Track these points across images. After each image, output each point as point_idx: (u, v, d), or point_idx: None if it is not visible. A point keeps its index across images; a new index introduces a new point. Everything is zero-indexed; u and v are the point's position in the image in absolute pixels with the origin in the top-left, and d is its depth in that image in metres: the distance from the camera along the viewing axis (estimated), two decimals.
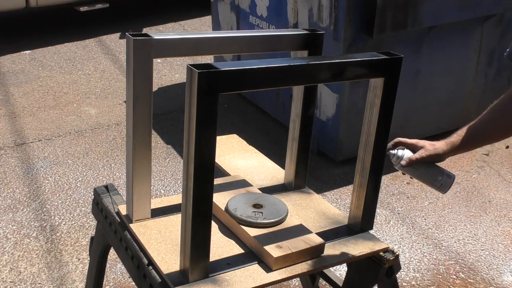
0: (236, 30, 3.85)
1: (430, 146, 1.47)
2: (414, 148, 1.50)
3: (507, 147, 3.68)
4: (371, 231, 1.51)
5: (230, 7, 3.98)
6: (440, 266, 2.62)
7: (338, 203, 3.08)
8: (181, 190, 1.24)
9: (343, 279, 1.61)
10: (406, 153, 1.49)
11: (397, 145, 1.53)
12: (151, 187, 2.03)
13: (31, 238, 2.72)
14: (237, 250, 1.38)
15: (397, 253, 1.43)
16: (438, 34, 3.31)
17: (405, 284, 2.50)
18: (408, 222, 2.94)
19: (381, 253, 1.42)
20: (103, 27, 5.99)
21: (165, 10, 6.69)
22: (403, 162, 1.48)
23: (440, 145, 1.47)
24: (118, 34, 5.79)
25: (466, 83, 3.65)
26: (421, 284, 2.50)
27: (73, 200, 3.03)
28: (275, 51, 1.51)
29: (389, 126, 1.40)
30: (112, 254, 2.19)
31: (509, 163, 3.53)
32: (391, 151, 1.51)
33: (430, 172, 1.51)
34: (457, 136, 1.47)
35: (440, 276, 2.55)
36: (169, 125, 3.92)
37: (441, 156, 1.48)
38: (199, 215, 1.19)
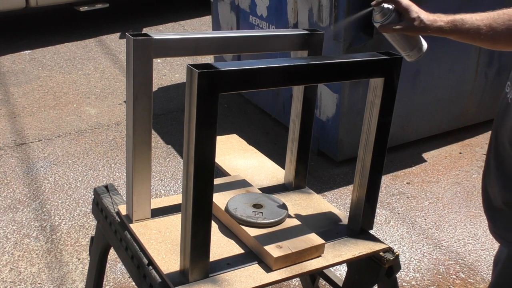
0: (236, 30, 3.85)
1: (416, 23, 1.40)
2: (403, 14, 1.42)
3: None
4: (371, 231, 1.50)
5: (230, 7, 3.98)
6: (440, 266, 2.62)
7: (338, 203, 3.08)
8: (181, 190, 1.24)
9: (343, 279, 1.61)
10: (392, 18, 1.42)
11: (386, 1, 1.44)
12: (151, 187, 2.03)
13: (31, 238, 2.72)
14: (237, 250, 1.38)
15: (397, 253, 1.43)
16: None
17: (405, 284, 2.50)
18: (408, 222, 2.94)
19: (381, 253, 1.42)
20: (103, 27, 5.99)
21: (165, 10, 6.69)
22: (380, 28, 1.42)
23: (428, 24, 1.41)
24: (118, 34, 5.79)
25: (466, 83, 3.65)
26: (421, 284, 2.50)
27: (73, 200, 3.03)
28: (275, 51, 1.50)
29: (389, 126, 1.40)
30: (112, 254, 2.19)
31: None
32: (381, 5, 1.42)
33: (404, 41, 1.47)
34: (446, 21, 1.42)
35: (440, 276, 2.55)
36: (169, 125, 3.92)
37: (423, 33, 1.44)
38: (199, 215, 1.19)
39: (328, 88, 3.25)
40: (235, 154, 1.88)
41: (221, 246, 1.39)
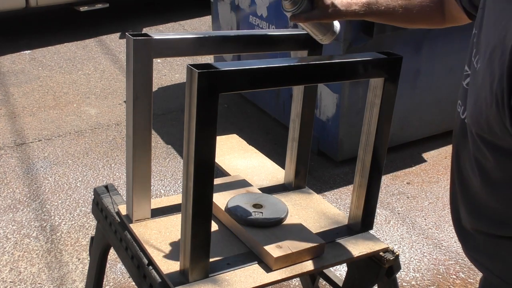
0: (236, 30, 3.85)
1: (330, 10, 1.33)
2: (315, 0, 1.33)
3: None
4: (371, 231, 1.50)
5: (230, 7, 3.98)
6: (440, 266, 2.62)
7: (338, 203, 3.08)
8: (181, 190, 1.24)
9: (343, 279, 1.61)
10: (303, 6, 1.32)
11: None
12: (151, 187, 2.03)
13: (31, 238, 2.72)
14: (237, 250, 1.38)
15: (397, 253, 1.43)
16: (438, 34, 3.31)
17: (405, 284, 2.50)
18: (408, 222, 2.94)
19: (381, 253, 1.42)
20: (103, 27, 5.99)
21: (165, 10, 6.69)
22: (291, 18, 1.33)
23: (342, 9, 1.34)
24: (118, 34, 5.79)
25: None
26: (421, 284, 2.50)
27: (73, 200, 3.03)
28: (275, 51, 1.50)
29: (389, 126, 1.40)
30: (112, 254, 2.19)
31: None
32: None
33: (317, 26, 1.39)
34: (361, 4, 1.35)
35: (440, 276, 2.55)
36: (169, 125, 3.92)
37: (338, 19, 1.37)
38: (199, 215, 1.19)
39: (328, 88, 3.25)
40: (235, 154, 1.88)
41: (221, 246, 1.39)
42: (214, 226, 1.45)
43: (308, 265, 1.34)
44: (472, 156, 1.10)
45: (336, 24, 1.42)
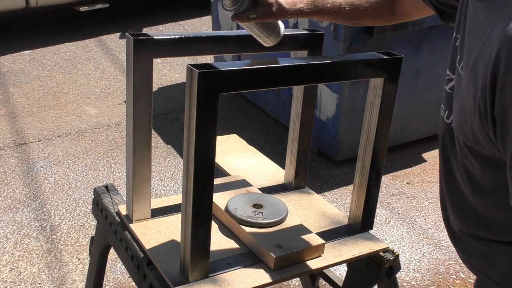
0: (236, 30, 3.85)
1: (274, 8, 1.27)
2: None
3: None
4: (371, 231, 1.50)
5: None
6: (440, 266, 2.61)
7: (338, 203, 3.08)
8: (181, 190, 1.24)
9: (343, 279, 1.61)
10: (246, 5, 1.24)
11: None
12: (151, 187, 2.03)
13: (31, 238, 2.72)
14: (237, 250, 1.38)
15: (397, 253, 1.43)
16: (438, 34, 3.31)
17: (405, 284, 2.50)
18: (408, 222, 2.94)
19: (381, 253, 1.42)
20: (103, 27, 5.99)
21: (165, 10, 6.69)
22: (233, 18, 1.26)
23: (287, 8, 1.28)
24: (118, 34, 5.79)
25: None
26: (421, 284, 2.50)
27: (73, 200, 3.03)
28: (275, 51, 1.50)
29: (389, 126, 1.40)
30: (112, 254, 2.19)
31: None
32: None
33: (261, 27, 1.33)
34: (307, 2, 1.31)
35: (440, 276, 2.55)
36: (169, 125, 3.92)
37: (283, 18, 1.32)
38: (199, 215, 1.19)
39: (328, 88, 3.25)
40: (235, 154, 1.88)
41: (221, 246, 1.39)
42: (214, 226, 1.45)
43: (308, 265, 1.34)
44: (460, 161, 1.10)
45: (281, 25, 1.37)
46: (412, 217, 2.98)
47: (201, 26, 6.21)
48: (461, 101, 1.01)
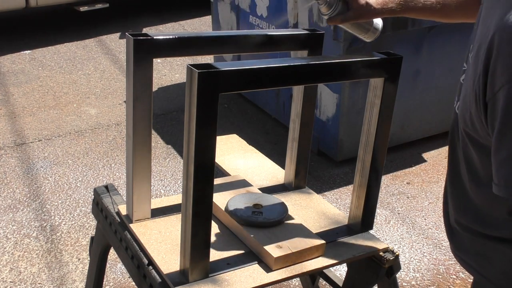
0: (236, 30, 3.85)
1: (365, 10, 1.35)
2: (349, 1, 1.36)
3: None
4: (371, 231, 1.51)
5: (230, 7, 3.98)
6: (440, 266, 2.62)
7: (338, 203, 3.08)
8: (181, 190, 1.24)
9: (343, 279, 1.61)
10: (339, 8, 1.35)
11: None
12: (151, 187, 2.03)
13: (31, 238, 2.72)
14: (237, 250, 1.38)
15: (397, 253, 1.43)
16: (438, 34, 3.31)
17: (405, 284, 2.50)
18: (408, 222, 2.94)
19: (381, 253, 1.42)
20: (103, 27, 5.99)
21: (165, 10, 6.69)
22: (328, 21, 1.38)
23: (378, 8, 1.36)
24: (118, 34, 5.79)
25: None
26: (421, 284, 2.50)
27: (73, 200, 3.03)
28: (275, 51, 1.50)
29: (389, 126, 1.40)
30: (112, 254, 2.19)
31: None
32: None
33: (357, 26, 1.43)
34: (398, 2, 1.37)
35: (440, 276, 2.55)
36: (169, 125, 3.92)
37: (375, 17, 1.40)
38: (199, 215, 1.19)
39: (328, 88, 3.25)
40: (235, 154, 1.88)
41: (221, 246, 1.39)
42: (214, 226, 1.45)
43: (308, 265, 1.34)
44: (462, 154, 1.12)
45: (377, 21, 1.44)
46: (412, 217, 2.98)
47: (201, 26, 6.21)
48: (465, 90, 1.03)
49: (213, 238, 1.26)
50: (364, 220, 1.48)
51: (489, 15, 0.98)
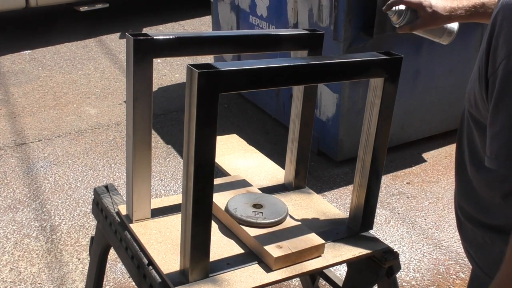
0: (236, 30, 3.85)
1: (433, 18, 1.42)
2: (418, 11, 1.44)
3: None
4: (371, 231, 1.51)
5: (230, 7, 3.98)
6: (440, 266, 2.62)
7: (338, 203, 3.08)
8: (181, 190, 1.24)
9: (343, 279, 1.61)
10: (408, 17, 1.45)
11: (398, 3, 1.46)
12: (151, 187, 2.03)
13: (31, 238, 2.72)
14: (237, 250, 1.38)
15: (397, 253, 1.43)
16: None
17: (405, 284, 2.50)
18: (408, 222, 2.94)
19: (381, 253, 1.42)
20: (103, 27, 5.99)
21: (165, 10, 6.69)
22: (399, 29, 1.47)
23: (446, 15, 1.42)
24: (118, 34, 5.79)
25: (466, 83, 3.64)
26: (421, 284, 2.50)
27: (73, 200, 3.03)
28: (275, 51, 1.50)
29: (389, 126, 1.40)
30: (112, 254, 2.19)
31: None
32: (392, 9, 1.45)
33: (430, 31, 1.51)
34: (467, 9, 1.42)
35: (440, 276, 2.55)
36: (169, 125, 3.92)
37: (444, 23, 1.46)
38: (199, 215, 1.19)
39: (328, 88, 3.25)
40: (235, 154, 1.88)
41: (221, 246, 1.39)
42: (214, 226, 1.45)
43: (308, 265, 1.34)
44: (466, 140, 1.14)
45: (452, 25, 1.49)
46: (412, 217, 2.98)
47: (201, 26, 6.21)
48: (473, 73, 1.06)
49: (213, 238, 1.26)
50: (364, 220, 1.48)
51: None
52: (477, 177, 1.11)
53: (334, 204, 3.04)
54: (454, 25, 1.52)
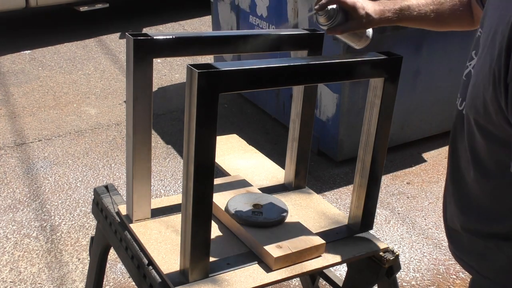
0: (236, 30, 3.85)
1: (364, 20, 1.37)
2: (350, 12, 1.37)
3: None
4: (371, 231, 1.50)
5: (230, 7, 3.98)
6: (440, 266, 2.62)
7: (338, 203, 3.08)
8: (181, 190, 1.24)
9: (343, 279, 1.61)
10: (339, 19, 1.36)
11: (331, 2, 1.36)
12: (151, 187, 2.03)
13: (31, 238, 2.72)
14: (237, 250, 1.38)
15: (397, 253, 1.43)
16: (438, 34, 3.31)
17: (405, 284, 2.50)
18: (408, 222, 2.94)
19: (381, 253, 1.42)
20: (103, 27, 5.99)
21: (165, 10, 6.69)
22: (328, 31, 1.39)
23: (376, 18, 1.38)
24: (118, 34, 5.79)
25: None
26: (421, 284, 2.50)
27: (73, 200, 3.03)
28: (275, 51, 1.50)
29: (389, 126, 1.40)
30: (112, 254, 2.19)
31: None
32: (325, 9, 1.35)
33: (352, 35, 1.45)
34: (394, 11, 1.39)
35: (440, 276, 2.55)
36: (169, 125, 3.92)
37: (372, 27, 1.42)
38: (199, 215, 1.19)
39: (328, 88, 3.25)
40: (235, 154, 1.88)
41: (221, 246, 1.39)
42: (214, 226, 1.45)
43: (308, 265, 1.34)
44: (467, 146, 1.11)
45: (369, 29, 1.46)
46: (412, 217, 2.98)
47: (201, 26, 6.21)
48: (475, 78, 1.03)
49: (213, 238, 1.26)
50: (364, 220, 1.48)
51: (505, 3, 0.98)
52: (484, 185, 1.08)
53: (334, 204, 3.04)
54: (371, 29, 1.47)
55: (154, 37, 1.30)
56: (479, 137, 1.05)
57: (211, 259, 1.28)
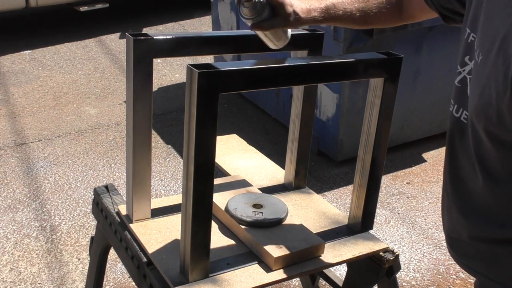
0: (236, 30, 3.85)
1: (291, 18, 1.30)
2: (277, 9, 1.29)
3: None
4: (371, 231, 1.50)
5: (230, 7, 3.98)
6: (440, 266, 2.62)
7: (338, 203, 3.08)
8: (181, 190, 1.24)
9: (343, 279, 1.61)
10: (265, 14, 1.27)
11: None
12: (151, 187, 2.03)
13: (31, 238, 2.72)
14: (237, 250, 1.38)
15: (397, 253, 1.43)
16: (438, 34, 3.31)
17: (405, 284, 2.50)
18: (408, 222, 2.94)
19: (381, 253, 1.42)
20: (103, 27, 5.99)
21: (165, 10, 6.69)
22: (252, 27, 1.29)
23: (302, 17, 1.32)
24: (118, 34, 5.79)
25: None
26: (421, 284, 2.50)
27: (73, 200, 3.03)
28: (275, 51, 1.50)
29: (389, 126, 1.40)
30: (112, 254, 2.19)
31: None
32: (253, 0, 1.24)
33: (274, 34, 1.35)
34: (320, 11, 1.34)
35: (440, 276, 2.55)
36: (169, 125, 3.92)
37: (298, 26, 1.36)
38: (199, 215, 1.19)
39: (328, 88, 3.25)
40: (235, 154, 1.88)
41: (221, 246, 1.39)
42: (214, 226, 1.45)
43: (308, 265, 1.34)
44: (473, 154, 1.08)
45: (288, 30, 1.40)
46: (412, 217, 2.98)
47: (201, 26, 6.21)
48: (481, 86, 1.00)
49: (213, 238, 1.26)
50: (364, 220, 1.48)
51: (509, 12, 0.96)
52: (496, 191, 1.05)
53: (334, 204, 3.04)
54: (290, 30, 1.41)
55: (154, 37, 1.30)
56: (489, 145, 1.02)
57: (211, 259, 1.28)
